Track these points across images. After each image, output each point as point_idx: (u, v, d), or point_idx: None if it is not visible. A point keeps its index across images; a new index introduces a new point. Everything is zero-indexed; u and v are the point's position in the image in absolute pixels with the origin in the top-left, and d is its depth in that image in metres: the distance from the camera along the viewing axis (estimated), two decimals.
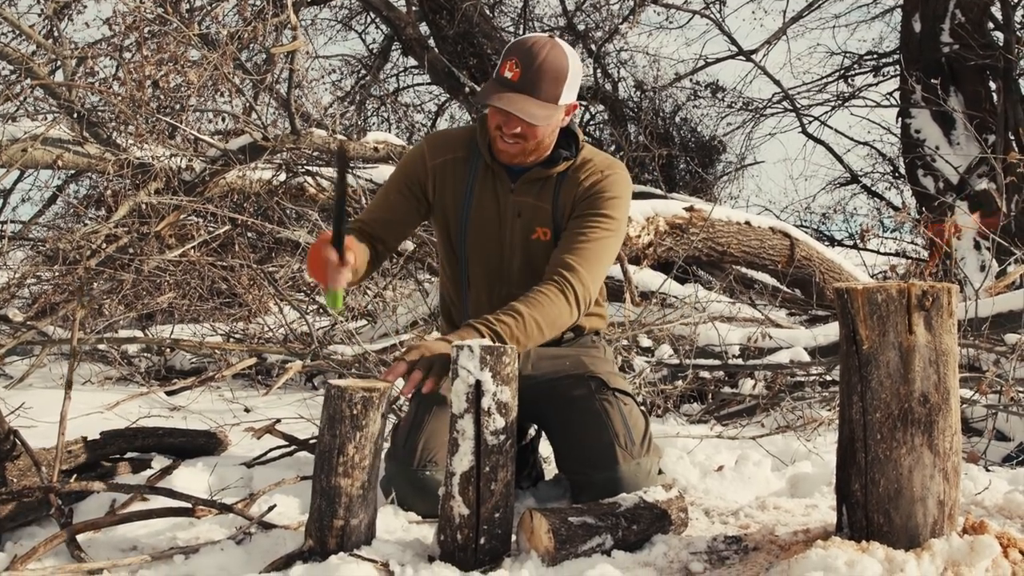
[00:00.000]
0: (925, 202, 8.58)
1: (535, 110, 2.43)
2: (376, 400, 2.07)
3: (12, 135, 5.40)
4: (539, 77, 2.43)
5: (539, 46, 2.44)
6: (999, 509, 2.54)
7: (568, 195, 2.62)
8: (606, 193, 2.59)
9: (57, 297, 5.39)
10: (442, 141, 2.73)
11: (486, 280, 2.71)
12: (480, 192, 2.66)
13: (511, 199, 2.64)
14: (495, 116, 2.50)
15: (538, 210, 2.63)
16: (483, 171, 2.66)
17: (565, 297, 2.46)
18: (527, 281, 2.62)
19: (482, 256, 2.69)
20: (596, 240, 2.55)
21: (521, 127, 2.47)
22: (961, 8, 9.01)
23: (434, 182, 2.69)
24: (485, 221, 2.66)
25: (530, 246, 2.65)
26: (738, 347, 4.50)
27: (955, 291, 2.05)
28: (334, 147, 5.88)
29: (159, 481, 2.68)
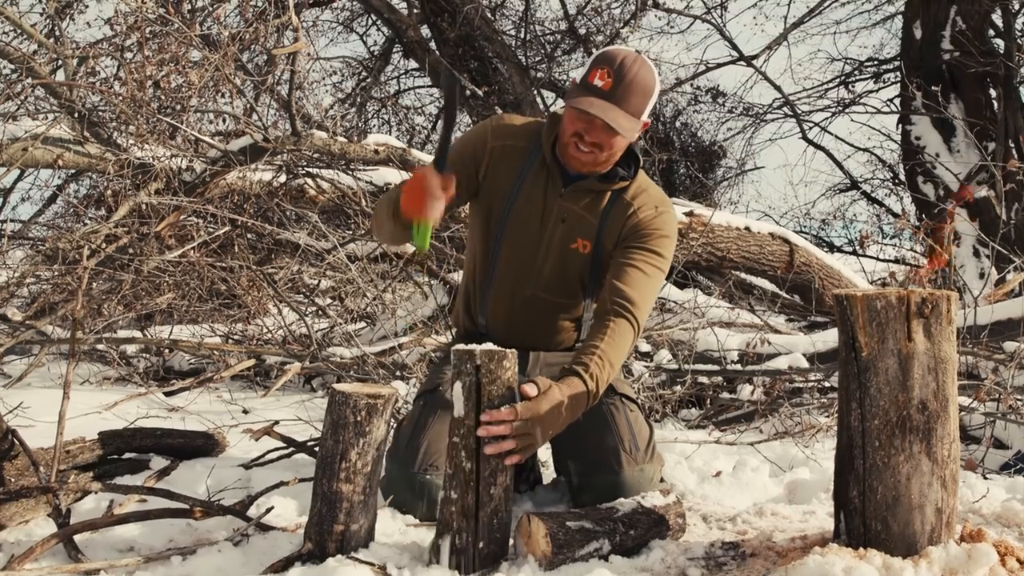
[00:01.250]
0: (925, 209, 8.58)
1: (623, 121, 2.42)
2: (380, 407, 2.07)
3: (13, 134, 5.40)
4: (630, 90, 2.42)
5: (631, 60, 2.43)
6: (997, 517, 2.54)
7: (619, 219, 2.61)
8: (662, 231, 2.59)
9: (56, 297, 5.39)
10: (507, 126, 2.70)
11: (514, 277, 2.69)
12: (530, 187, 2.64)
13: (558, 202, 2.62)
14: (576, 123, 2.47)
15: (583, 221, 2.62)
16: (538, 167, 2.64)
17: (634, 333, 2.45)
18: (554, 287, 2.66)
19: (516, 252, 2.67)
20: (651, 276, 2.55)
21: (602, 137, 2.45)
22: (962, 15, 9.02)
23: (488, 163, 2.66)
24: (527, 217, 2.64)
25: (566, 254, 2.64)
26: (737, 353, 4.50)
27: (954, 298, 2.06)
28: (336, 150, 5.87)
29: (157, 482, 2.68)
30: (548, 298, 2.68)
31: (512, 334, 2.69)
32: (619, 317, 2.43)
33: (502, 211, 2.65)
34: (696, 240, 5.69)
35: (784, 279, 6.21)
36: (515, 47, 10.71)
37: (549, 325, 2.74)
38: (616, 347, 2.38)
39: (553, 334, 2.76)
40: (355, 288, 5.54)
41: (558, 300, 2.70)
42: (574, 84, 2.48)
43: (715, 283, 6.54)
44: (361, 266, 5.60)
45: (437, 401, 2.62)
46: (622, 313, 2.44)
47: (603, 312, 2.47)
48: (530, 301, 2.68)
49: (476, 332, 2.80)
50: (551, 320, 2.73)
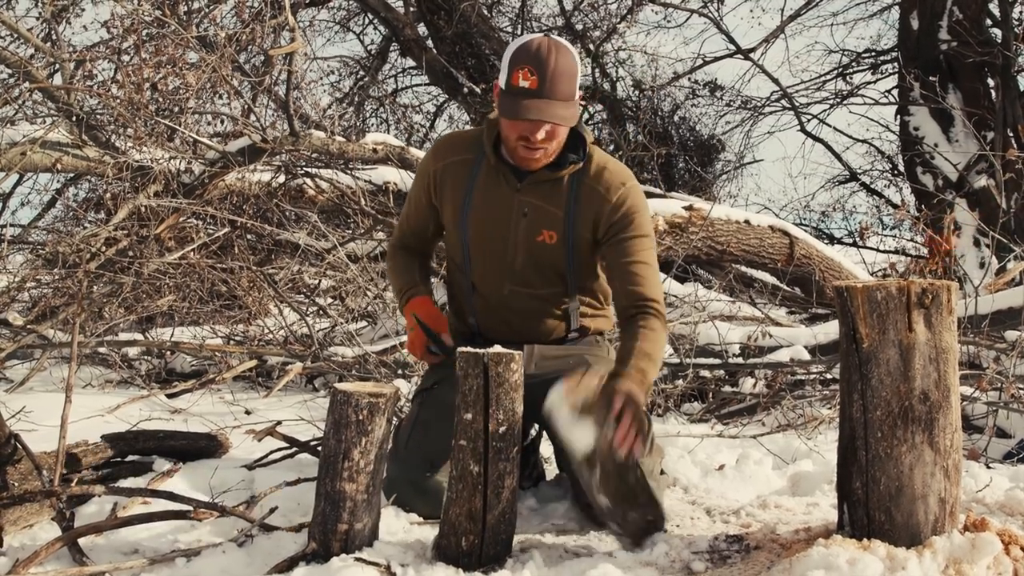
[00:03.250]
0: (924, 199, 8.58)
1: (563, 112, 2.43)
2: (382, 406, 2.07)
3: (11, 139, 5.40)
4: (556, 79, 2.41)
5: (546, 49, 2.42)
6: (1000, 506, 2.54)
7: (590, 205, 2.60)
8: (638, 213, 2.60)
9: (57, 301, 5.39)
10: (448, 145, 2.75)
11: (491, 278, 2.71)
12: (483, 192, 2.64)
13: (517, 198, 2.62)
14: (517, 127, 2.46)
15: (546, 212, 2.61)
16: (487, 171, 2.64)
17: (663, 325, 2.50)
18: (531, 280, 2.66)
19: (486, 255, 2.68)
20: (652, 263, 2.59)
21: (547, 132, 2.45)
22: (959, 5, 9.01)
23: (436, 185, 2.71)
24: (489, 220, 2.64)
25: (533, 247, 2.64)
26: (738, 346, 4.50)
27: (955, 288, 2.05)
28: (334, 149, 5.88)
29: (160, 484, 2.68)
30: (528, 292, 2.69)
31: (503, 331, 2.71)
32: (645, 316, 2.49)
33: (460, 221, 2.67)
34: (696, 234, 5.69)
35: (784, 271, 6.21)
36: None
37: (536, 318, 2.74)
38: (651, 341, 2.44)
39: (542, 326, 2.75)
40: (355, 287, 5.54)
41: (538, 293, 2.70)
42: (499, 91, 2.48)
43: (715, 277, 6.54)
44: (361, 265, 5.60)
45: (435, 399, 2.62)
46: (646, 311, 2.50)
47: (627, 317, 2.52)
48: (511, 298, 2.69)
49: (470, 333, 2.81)
50: (536, 313, 2.73)
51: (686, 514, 2.60)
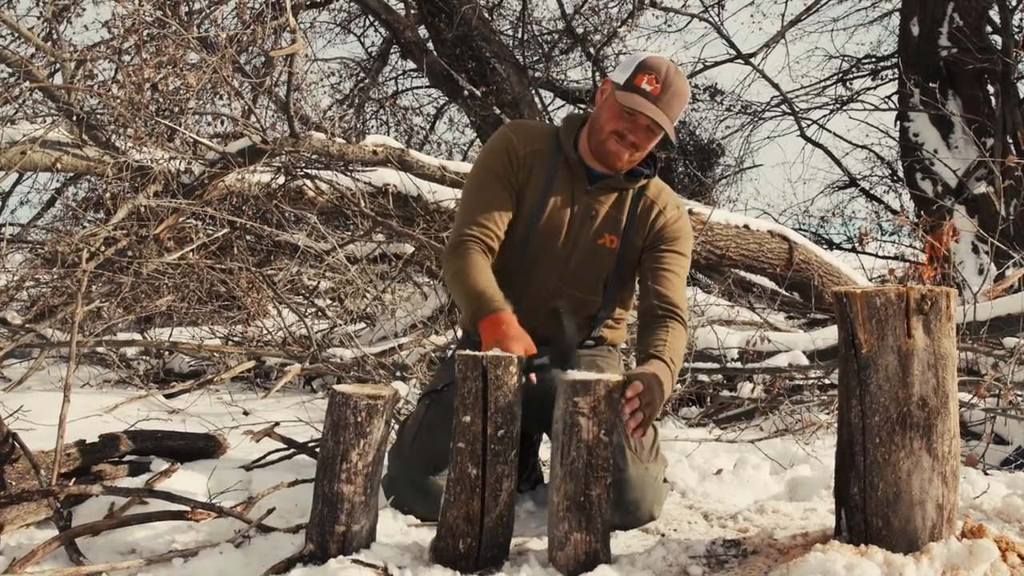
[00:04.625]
0: (923, 205, 8.58)
1: (668, 125, 2.58)
2: (380, 408, 2.07)
3: (11, 138, 5.39)
4: (675, 97, 2.58)
5: (674, 71, 2.59)
6: (998, 513, 2.54)
7: (646, 218, 2.75)
8: (684, 237, 2.78)
9: (56, 300, 5.38)
10: (527, 132, 2.80)
11: (542, 269, 2.75)
12: (557, 186, 2.72)
13: (585, 199, 2.72)
14: (618, 121, 2.59)
15: (610, 217, 2.73)
16: (563, 167, 2.73)
17: (686, 332, 2.63)
18: (579, 281, 2.75)
19: (545, 247, 2.74)
20: (682, 277, 2.75)
21: (642, 137, 2.60)
22: (959, 12, 9.02)
23: (522, 170, 2.74)
24: (557, 213, 2.72)
25: (594, 249, 2.73)
26: (737, 350, 4.50)
27: (953, 295, 2.06)
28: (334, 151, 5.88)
29: (158, 484, 2.68)
30: (571, 292, 2.74)
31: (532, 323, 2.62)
32: (672, 319, 2.60)
33: (534, 208, 2.72)
34: (695, 238, 5.68)
35: (783, 277, 6.21)
36: (513, 47, 10.70)
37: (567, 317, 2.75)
38: (677, 341, 2.54)
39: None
40: (355, 289, 5.54)
41: (579, 295, 2.76)
42: (613, 86, 2.62)
43: (714, 281, 6.54)
44: (360, 267, 5.60)
45: (442, 402, 2.62)
46: (673, 316, 2.60)
47: (654, 316, 2.62)
48: (554, 291, 2.74)
49: None
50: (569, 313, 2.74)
51: (683, 518, 2.60)
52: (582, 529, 2.08)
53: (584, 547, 2.08)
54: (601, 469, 2.08)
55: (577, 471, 2.07)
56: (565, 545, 2.09)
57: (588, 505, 2.08)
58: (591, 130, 2.69)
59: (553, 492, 2.11)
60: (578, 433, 2.07)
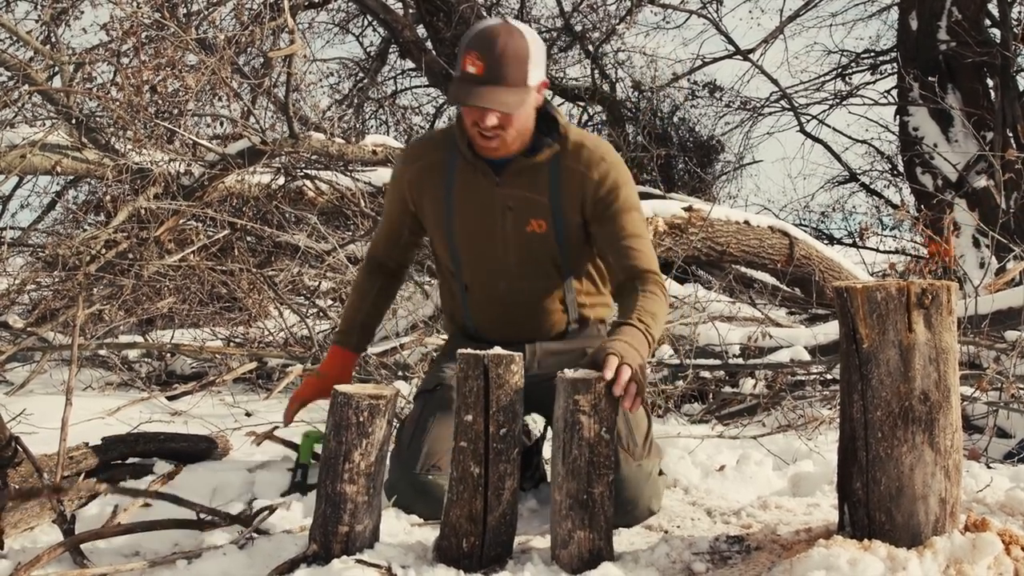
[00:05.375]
0: (924, 199, 8.58)
1: (507, 98, 2.39)
2: (383, 407, 2.07)
3: (10, 141, 5.40)
4: (502, 64, 2.38)
5: (494, 33, 2.40)
6: (1001, 506, 2.54)
7: (573, 186, 2.56)
8: (622, 187, 2.57)
9: (57, 303, 5.39)
10: (418, 147, 2.75)
11: (484, 278, 2.68)
12: (462, 190, 2.61)
13: (498, 193, 2.59)
14: (470, 113, 2.45)
15: (530, 202, 2.58)
16: (462, 169, 2.61)
17: (663, 292, 2.49)
18: (526, 274, 2.63)
19: (476, 255, 2.66)
20: (642, 234, 2.58)
21: (498, 118, 2.42)
22: (958, 5, 9.01)
23: (411, 189, 2.69)
24: (474, 219, 2.61)
25: (524, 238, 2.60)
26: (738, 346, 4.50)
27: (954, 289, 2.05)
28: (333, 151, 5.88)
29: (161, 486, 2.68)
30: (524, 286, 2.66)
31: (502, 330, 2.67)
32: (644, 285, 2.47)
33: (444, 222, 2.65)
34: (695, 235, 5.69)
35: (784, 272, 6.21)
36: None
37: (535, 313, 2.70)
38: (649, 303, 2.42)
39: (542, 321, 2.72)
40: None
41: (534, 286, 2.67)
42: (453, 78, 2.48)
43: (715, 277, 6.54)
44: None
45: (436, 401, 2.61)
46: (645, 281, 2.48)
47: (627, 289, 2.51)
48: (507, 295, 2.66)
49: (467, 334, 2.79)
50: (535, 307, 2.70)
51: (687, 515, 2.60)
52: (585, 527, 2.08)
53: (587, 545, 2.08)
54: (603, 467, 2.08)
55: (579, 469, 2.07)
56: (568, 543, 2.09)
57: (591, 503, 2.08)
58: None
59: (555, 491, 2.11)
60: (579, 431, 2.07)
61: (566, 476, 2.08)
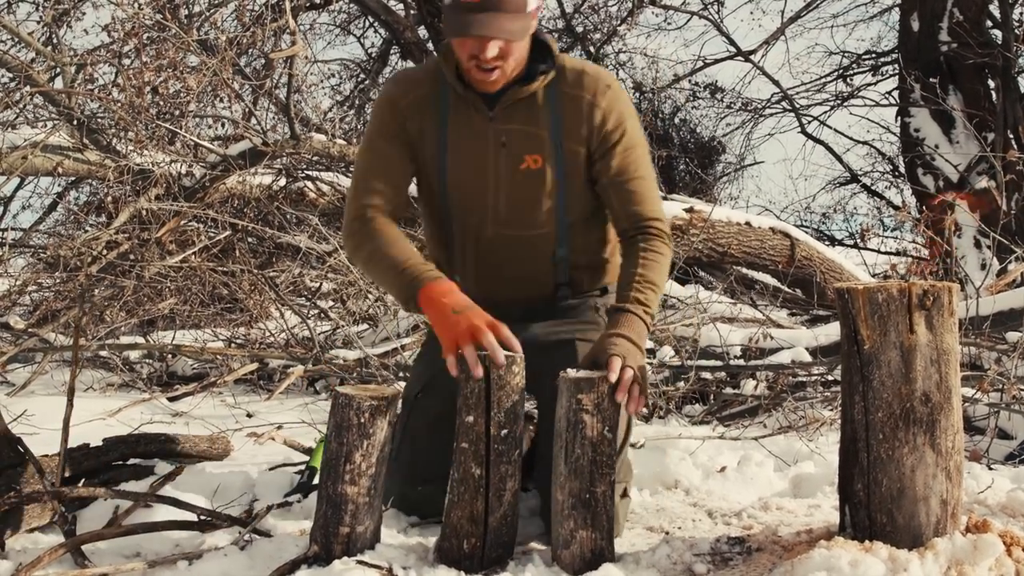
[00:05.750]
0: (925, 201, 8.58)
1: (510, 25, 2.19)
2: (384, 408, 2.07)
3: (12, 142, 5.41)
4: None
5: None
6: (1002, 507, 2.54)
7: (576, 119, 2.38)
8: (629, 119, 2.42)
9: (58, 304, 5.39)
10: (404, 81, 2.48)
11: (473, 223, 2.46)
12: (456, 126, 2.41)
13: (492, 127, 2.39)
14: (467, 46, 2.25)
15: (526, 135, 2.39)
16: (455, 103, 2.41)
17: (667, 246, 2.38)
18: (517, 219, 2.43)
19: (466, 197, 2.43)
20: (648, 176, 2.44)
21: (500, 48, 2.23)
22: (959, 6, 9.01)
23: (410, 122, 2.42)
24: (466, 157, 2.41)
25: (518, 177, 2.40)
26: (739, 348, 4.49)
27: (956, 290, 2.05)
28: (335, 152, 5.88)
29: (162, 487, 2.68)
30: (514, 234, 2.44)
31: (489, 287, 2.46)
32: (648, 238, 2.37)
33: (439, 162, 2.42)
34: (697, 236, 5.68)
35: (785, 273, 6.21)
36: None
37: (521, 268, 2.49)
38: (654, 267, 2.32)
39: (528, 278, 2.51)
40: (357, 290, 5.54)
41: (522, 234, 2.45)
42: (444, 8, 2.25)
43: (716, 279, 6.54)
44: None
45: (422, 410, 2.51)
46: (649, 233, 2.37)
47: (629, 239, 2.40)
48: (495, 242, 2.45)
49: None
50: (522, 262, 2.48)
51: (688, 516, 2.60)
52: (588, 527, 2.08)
53: (590, 545, 2.08)
54: (605, 466, 2.08)
55: (582, 468, 2.07)
56: (571, 543, 2.09)
57: (593, 502, 2.07)
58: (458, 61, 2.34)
59: (557, 490, 2.11)
60: (582, 430, 2.06)
61: (568, 476, 2.07)
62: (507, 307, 2.34)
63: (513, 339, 2.11)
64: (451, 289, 2.20)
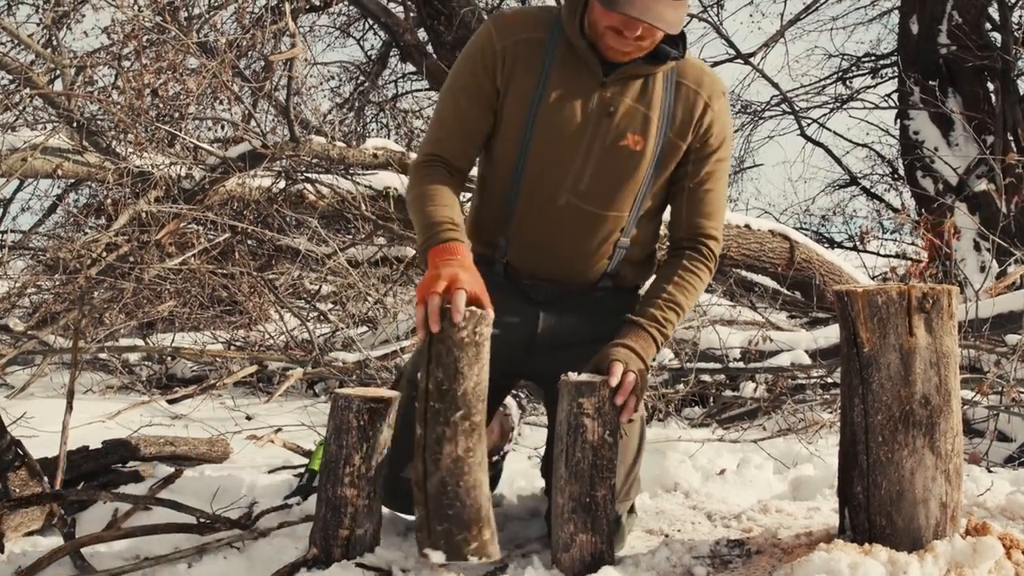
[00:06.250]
0: (924, 203, 8.58)
1: (672, 15, 2.07)
2: (383, 411, 2.06)
3: (12, 144, 5.40)
4: None
5: None
6: (1001, 510, 2.54)
7: (689, 114, 2.28)
8: (729, 134, 2.36)
9: (58, 306, 5.39)
10: (513, 19, 2.32)
11: (547, 187, 2.29)
12: (559, 80, 2.24)
13: (601, 93, 2.24)
14: (614, 18, 2.09)
15: (636, 113, 2.25)
16: (565, 56, 2.25)
17: (710, 271, 2.33)
18: (595, 195, 2.29)
19: (550, 157, 2.27)
20: (724, 193, 2.37)
21: (645, 30, 2.09)
22: (958, 9, 9.02)
23: (504, 65, 2.25)
24: (562, 114, 2.24)
25: (614, 152, 2.26)
26: (739, 350, 4.50)
27: (955, 293, 2.06)
28: (334, 155, 5.88)
29: (162, 490, 2.68)
30: (586, 208, 2.29)
31: (536, 259, 2.36)
32: (697, 256, 2.32)
33: (528, 113, 2.25)
34: None
35: (785, 276, 6.20)
36: None
37: (580, 246, 2.35)
38: (687, 290, 2.28)
39: (583, 259, 2.37)
40: (356, 292, 5.55)
41: (596, 211, 2.30)
42: None
43: (716, 281, 6.53)
44: (362, 270, 5.60)
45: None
46: (700, 248, 2.32)
47: (678, 248, 2.35)
48: (564, 212, 2.29)
49: (490, 257, 2.39)
50: (583, 239, 2.34)
51: (687, 519, 2.60)
52: (588, 530, 2.07)
53: (590, 548, 2.08)
54: (606, 470, 2.08)
55: (582, 472, 2.06)
56: (571, 546, 2.08)
57: (593, 506, 2.07)
58: (589, 20, 2.19)
59: (557, 494, 2.10)
60: (583, 434, 2.06)
61: (569, 479, 2.07)
62: (542, 285, 2.30)
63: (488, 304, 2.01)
64: (457, 251, 2.08)
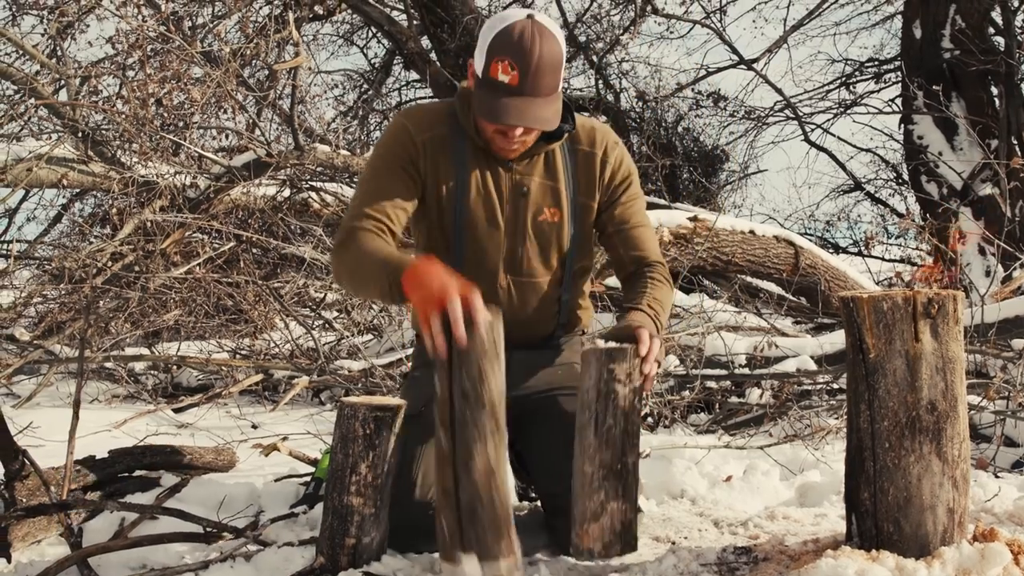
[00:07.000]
0: (929, 208, 8.57)
1: (544, 112, 2.23)
2: (389, 419, 2.06)
3: (17, 155, 5.42)
4: (540, 74, 2.20)
5: (529, 37, 2.18)
6: (1009, 516, 2.53)
7: (590, 174, 2.46)
8: (633, 173, 2.53)
9: (63, 316, 5.40)
10: (424, 116, 2.44)
11: (486, 269, 2.43)
12: (472, 171, 2.39)
13: (511, 178, 2.41)
14: (493, 124, 2.28)
15: (547, 189, 2.44)
16: (473, 148, 2.40)
17: (670, 284, 2.47)
18: (532, 267, 2.46)
19: (481, 242, 2.42)
20: (649, 225, 2.57)
21: (524, 129, 2.27)
22: (961, 14, 9.01)
23: (424, 158, 2.38)
24: (483, 204, 2.40)
25: (537, 228, 2.44)
26: (744, 356, 4.49)
27: (961, 298, 2.05)
28: (338, 163, 5.89)
29: (168, 499, 2.68)
30: (528, 281, 2.47)
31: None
32: (652, 272, 2.46)
33: (454, 206, 2.40)
34: (701, 245, 5.68)
35: (790, 282, 6.20)
36: None
37: (531, 310, 2.50)
38: (661, 288, 2.42)
39: (536, 320, 2.53)
40: (361, 300, 5.55)
41: (538, 281, 2.48)
42: (475, 78, 2.27)
43: (721, 287, 6.54)
44: None
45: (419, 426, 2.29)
46: (653, 269, 2.47)
47: (635, 276, 2.48)
48: (507, 289, 2.46)
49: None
50: (533, 305, 2.50)
51: (694, 526, 2.60)
52: (619, 497, 2.06)
53: (620, 516, 2.06)
54: (635, 436, 2.10)
55: (614, 438, 2.06)
56: (600, 515, 2.05)
57: (625, 472, 2.06)
58: (476, 124, 2.35)
59: (586, 463, 2.06)
60: (614, 400, 2.06)
61: (599, 446, 2.06)
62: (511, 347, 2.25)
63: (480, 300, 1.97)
64: (428, 262, 2.08)
